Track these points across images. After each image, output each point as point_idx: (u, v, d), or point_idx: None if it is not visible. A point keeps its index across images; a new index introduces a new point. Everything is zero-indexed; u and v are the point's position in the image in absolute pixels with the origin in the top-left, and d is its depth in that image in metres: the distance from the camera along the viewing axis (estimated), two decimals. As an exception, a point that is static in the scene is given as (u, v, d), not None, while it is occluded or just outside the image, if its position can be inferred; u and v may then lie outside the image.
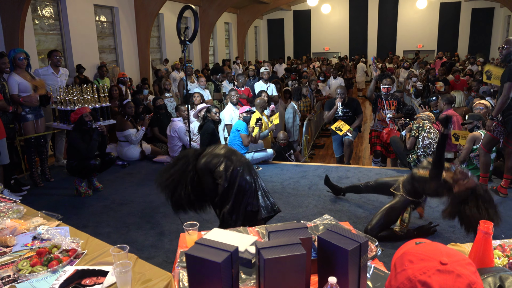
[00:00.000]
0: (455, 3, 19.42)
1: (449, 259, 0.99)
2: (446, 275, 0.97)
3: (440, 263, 0.98)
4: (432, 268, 0.98)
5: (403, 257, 1.07)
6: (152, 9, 10.27)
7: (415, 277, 0.99)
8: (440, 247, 1.06)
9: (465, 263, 1.01)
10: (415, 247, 1.09)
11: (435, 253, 1.01)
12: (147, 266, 1.84)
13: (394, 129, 5.84)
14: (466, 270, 0.99)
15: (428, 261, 1.00)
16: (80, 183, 4.73)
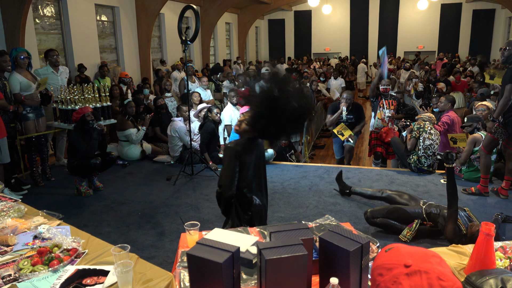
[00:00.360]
0: (456, 4, 19.42)
1: (412, 258, 1.00)
2: (414, 276, 0.97)
3: (405, 266, 0.99)
4: (399, 274, 0.98)
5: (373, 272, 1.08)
6: (153, 9, 10.27)
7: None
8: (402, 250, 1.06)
9: (428, 256, 1.01)
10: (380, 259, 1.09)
11: (398, 258, 1.02)
12: (148, 266, 1.84)
13: (393, 129, 5.83)
14: (430, 264, 0.99)
15: (394, 269, 1.00)
16: (81, 182, 4.73)
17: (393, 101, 5.94)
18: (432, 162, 5.28)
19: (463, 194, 4.54)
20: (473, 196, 4.49)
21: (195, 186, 5.00)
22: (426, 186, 4.86)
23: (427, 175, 5.25)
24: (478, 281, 1.58)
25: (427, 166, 5.27)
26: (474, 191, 4.52)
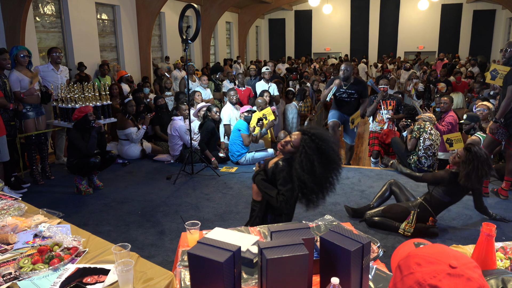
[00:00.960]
0: (457, 5, 19.41)
1: (458, 262, 0.98)
2: (456, 278, 0.95)
3: (450, 266, 0.96)
4: (442, 271, 0.96)
5: (409, 259, 1.04)
6: (154, 8, 10.26)
7: (424, 280, 0.97)
8: (446, 249, 1.04)
9: (473, 266, 1.00)
10: (421, 250, 1.07)
11: (443, 256, 1.00)
12: (149, 265, 1.84)
13: (394, 129, 5.83)
14: (475, 273, 0.97)
15: (437, 265, 0.98)
16: (81, 181, 4.72)
17: (391, 101, 5.93)
18: (432, 163, 5.28)
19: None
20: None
21: (195, 185, 5.00)
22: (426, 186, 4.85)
23: (427, 175, 5.25)
24: (479, 281, 1.58)
25: (427, 166, 5.27)
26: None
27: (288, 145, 2.60)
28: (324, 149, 2.42)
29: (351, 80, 5.44)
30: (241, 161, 5.81)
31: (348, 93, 5.45)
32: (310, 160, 2.40)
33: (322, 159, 2.41)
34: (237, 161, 5.84)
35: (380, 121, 5.85)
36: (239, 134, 5.74)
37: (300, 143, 2.50)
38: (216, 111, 5.85)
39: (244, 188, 4.89)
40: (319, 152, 2.41)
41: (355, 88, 5.46)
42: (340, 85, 5.47)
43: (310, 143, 2.44)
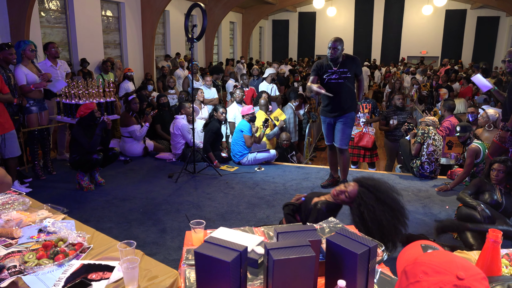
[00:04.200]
0: (461, 11, 19.42)
1: (466, 273, 0.97)
2: None
3: (457, 278, 0.95)
4: (449, 283, 0.95)
5: (416, 267, 1.03)
6: (159, 6, 10.27)
7: None
8: (455, 258, 1.03)
9: (480, 277, 0.99)
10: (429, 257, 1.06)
11: (451, 266, 0.99)
12: (154, 262, 1.84)
13: (368, 132, 5.80)
14: (482, 286, 0.97)
15: (444, 275, 0.97)
16: (83, 177, 4.72)
17: (367, 104, 5.92)
18: (434, 168, 5.28)
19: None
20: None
21: (197, 185, 5.00)
22: (428, 191, 4.86)
23: (429, 180, 5.25)
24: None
25: (430, 172, 5.27)
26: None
27: (342, 195, 2.54)
28: (384, 198, 2.39)
29: (340, 59, 4.31)
30: (243, 162, 5.81)
31: (340, 72, 4.31)
32: (372, 210, 2.36)
33: (384, 206, 2.37)
34: (239, 162, 5.84)
35: (357, 125, 5.84)
36: (242, 134, 5.75)
37: (357, 194, 2.46)
38: (223, 112, 5.85)
39: (245, 188, 4.89)
40: (379, 201, 2.38)
41: (347, 66, 4.33)
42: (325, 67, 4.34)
43: (368, 194, 2.41)
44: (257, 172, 5.52)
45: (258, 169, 5.61)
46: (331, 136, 4.65)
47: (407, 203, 4.51)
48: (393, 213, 2.38)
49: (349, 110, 4.46)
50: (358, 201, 2.42)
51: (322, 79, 4.37)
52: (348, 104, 4.43)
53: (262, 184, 5.05)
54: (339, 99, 4.38)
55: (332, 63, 4.33)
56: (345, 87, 4.35)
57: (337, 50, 4.24)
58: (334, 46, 4.24)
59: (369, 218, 2.34)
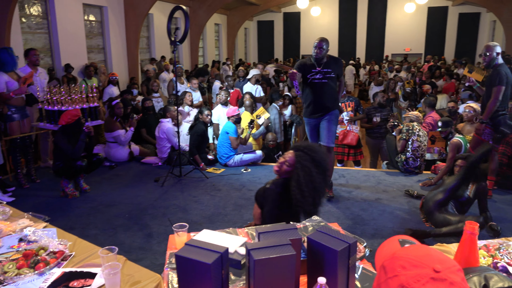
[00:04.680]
0: (443, 8, 19.70)
1: (442, 266, 0.99)
2: (439, 283, 0.96)
3: (434, 270, 0.97)
4: (426, 276, 0.97)
5: (394, 261, 1.05)
6: (142, 9, 10.21)
7: (408, 284, 0.98)
8: (431, 252, 1.05)
9: (456, 269, 1.01)
10: (406, 251, 1.08)
11: (428, 259, 1.01)
12: (136, 268, 1.83)
13: (352, 130, 5.86)
14: (458, 277, 0.99)
15: (421, 268, 0.99)
16: (67, 184, 4.67)
17: (350, 102, 5.97)
18: (419, 164, 5.35)
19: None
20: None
21: (183, 188, 4.98)
22: (412, 186, 4.92)
23: (414, 175, 5.32)
24: (462, 279, 1.61)
25: (414, 167, 5.34)
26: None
27: (283, 166, 2.59)
28: (319, 159, 2.49)
29: (324, 59, 4.30)
30: (230, 163, 5.81)
31: (324, 72, 4.26)
32: (308, 172, 2.44)
33: (318, 169, 2.47)
34: (225, 163, 5.84)
35: (341, 123, 5.89)
36: (227, 136, 5.74)
37: (295, 159, 2.52)
38: (208, 114, 5.84)
39: (232, 190, 4.89)
40: (315, 162, 2.47)
41: (331, 67, 4.29)
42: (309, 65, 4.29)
43: (305, 156, 2.49)
44: (244, 174, 5.52)
45: (245, 170, 5.61)
46: (316, 136, 4.55)
47: (392, 199, 4.56)
48: (324, 176, 2.52)
49: (333, 108, 4.42)
50: (297, 165, 2.49)
51: (306, 79, 4.31)
52: (331, 103, 4.38)
53: (248, 185, 5.06)
54: (322, 99, 4.32)
55: (316, 62, 4.28)
56: (328, 87, 4.31)
57: (323, 50, 4.22)
58: (319, 45, 4.22)
59: (304, 181, 2.42)
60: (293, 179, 2.47)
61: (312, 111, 4.40)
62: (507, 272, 1.79)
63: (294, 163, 2.53)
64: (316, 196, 2.47)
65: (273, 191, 2.54)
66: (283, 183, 2.56)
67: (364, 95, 14.41)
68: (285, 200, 2.51)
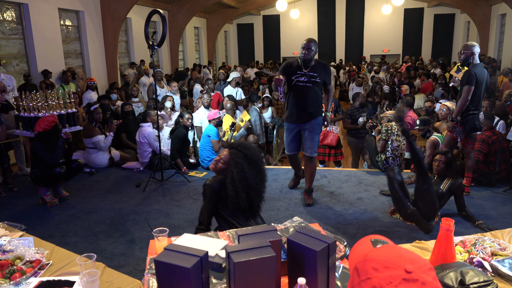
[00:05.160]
0: (418, 9, 20.11)
1: (413, 266, 1.00)
2: (412, 283, 0.98)
3: (406, 271, 0.99)
4: (398, 277, 0.98)
5: (366, 263, 1.06)
6: (120, 13, 10.10)
7: (381, 286, 0.99)
8: (402, 252, 1.07)
9: (427, 268, 1.03)
10: (378, 252, 1.09)
11: (399, 260, 1.02)
12: (116, 274, 1.81)
13: (332, 131, 5.93)
14: (429, 276, 1.01)
15: (393, 269, 1.00)
16: (45, 192, 4.57)
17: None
18: (400, 163, 5.44)
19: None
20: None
21: (165, 192, 4.94)
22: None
23: (394, 174, 5.40)
24: (439, 275, 1.65)
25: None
26: (439, 189, 4.68)
27: (218, 163, 2.71)
28: (252, 156, 2.61)
29: (312, 62, 4.15)
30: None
31: (309, 75, 4.09)
32: (241, 169, 2.54)
33: (252, 165, 2.58)
34: (207, 167, 5.82)
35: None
36: (209, 140, 5.73)
37: (229, 157, 2.63)
38: (189, 118, 5.81)
39: (215, 193, 4.86)
40: (248, 159, 2.58)
41: (316, 71, 4.13)
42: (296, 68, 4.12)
43: (239, 154, 2.60)
44: (226, 176, 5.51)
45: (227, 173, 5.60)
46: (295, 145, 4.38)
47: (374, 198, 4.63)
48: (258, 172, 2.61)
49: (316, 116, 4.24)
50: (231, 163, 2.60)
51: (290, 80, 4.13)
52: (314, 109, 4.19)
53: (231, 188, 5.04)
54: (304, 104, 4.13)
55: (303, 64, 4.12)
56: (312, 91, 4.13)
57: (311, 51, 4.07)
58: (308, 46, 4.06)
59: (238, 177, 2.52)
60: (228, 176, 2.57)
61: (293, 115, 4.26)
62: (482, 267, 1.83)
63: (229, 160, 2.63)
64: (251, 192, 2.56)
65: (210, 187, 2.61)
66: (221, 180, 2.63)
67: (345, 95, 14.58)
68: (222, 197, 2.59)
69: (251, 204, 2.59)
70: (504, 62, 13.32)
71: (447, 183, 3.76)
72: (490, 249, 1.94)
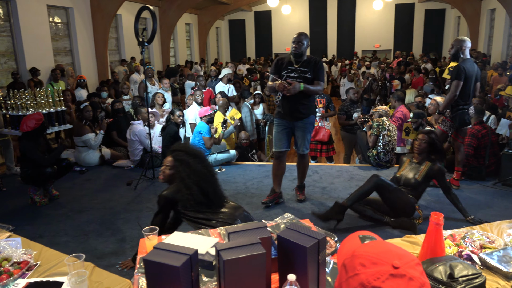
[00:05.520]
0: (409, 4, 20.19)
1: (401, 261, 1.00)
2: (399, 279, 0.97)
3: (393, 267, 0.99)
4: (385, 272, 0.98)
5: (354, 259, 1.06)
6: (110, 10, 10.01)
7: (369, 282, 0.98)
8: (390, 248, 1.06)
9: (414, 264, 1.03)
10: (366, 249, 1.09)
11: (387, 256, 1.02)
12: (105, 274, 1.79)
13: (323, 127, 5.94)
14: (416, 272, 1.01)
15: (380, 265, 1.00)
16: (35, 191, 4.52)
17: (321, 99, 6.05)
18: (390, 158, 5.46)
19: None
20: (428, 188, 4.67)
21: (156, 190, 4.91)
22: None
23: (385, 169, 5.43)
24: (428, 269, 1.65)
25: (385, 161, 5.45)
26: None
27: (166, 170, 2.79)
28: (192, 151, 2.79)
29: (304, 57, 4.03)
30: (204, 164, 5.76)
31: (300, 71, 3.96)
32: (187, 165, 2.68)
33: (196, 158, 2.73)
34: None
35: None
36: (201, 137, 5.70)
37: (173, 159, 2.75)
38: (180, 115, 5.78)
39: (207, 190, 4.85)
40: (190, 154, 2.74)
41: (307, 66, 3.98)
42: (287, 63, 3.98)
43: (180, 153, 2.76)
44: (218, 173, 5.50)
45: (219, 170, 5.59)
46: (285, 142, 4.19)
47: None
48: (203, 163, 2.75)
49: (308, 114, 4.09)
50: (176, 163, 2.73)
51: (281, 76, 4.02)
52: (306, 107, 4.05)
53: (223, 185, 4.97)
54: (295, 101, 3.95)
55: (294, 59, 3.98)
56: (308, 81, 3.96)
57: (302, 45, 3.93)
58: (298, 40, 3.94)
59: (186, 173, 2.65)
60: (177, 177, 2.69)
61: (284, 112, 4.11)
62: (471, 260, 1.85)
63: (174, 162, 2.74)
64: (202, 183, 2.64)
65: (164, 197, 2.70)
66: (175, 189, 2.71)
67: (336, 91, 14.61)
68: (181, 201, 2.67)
69: (206, 196, 2.64)
70: (494, 57, 13.43)
71: (424, 169, 3.70)
72: (479, 242, 1.95)
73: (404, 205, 3.59)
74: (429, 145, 3.73)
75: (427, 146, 3.73)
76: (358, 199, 3.67)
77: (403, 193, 3.62)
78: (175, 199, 2.66)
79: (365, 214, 3.80)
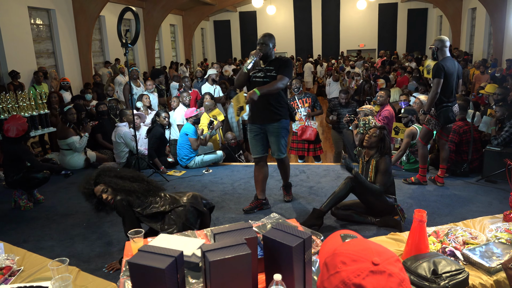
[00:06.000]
0: (392, 4, 20.44)
1: (380, 258, 1.02)
2: (378, 275, 0.99)
3: (373, 263, 1.00)
4: (365, 269, 1.00)
5: (335, 258, 1.07)
6: (93, 11, 9.89)
7: (349, 280, 1.00)
8: (370, 245, 1.08)
9: (394, 260, 1.04)
10: (345, 246, 1.10)
11: (367, 253, 1.03)
12: (90, 278, 1.78)
13: (310, 126, 5.98)
14: (396, 268, 1.02)
15: (360, 262, 1.01)
16: (21, 195, 4.44)
17: (306, 99, 6.09)
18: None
19: (404, 184, 4.79)
20: (413, 185, 4.74)
21: (143, 192, 4.87)
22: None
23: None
24: (412, 265, 1.68)
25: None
26: (414, 180, 4.78)
27: (107, 196, 3.01)
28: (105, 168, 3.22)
29: (272, 57, 3.97)
30: (190, 165, 5.75)
31: (266, 70, 3.88)
32: (113, 177, 3.04)
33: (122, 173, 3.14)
34: (186, 165, 5.77)
35: (300, 119, 5.98)
36: (187, 138, 5.68)
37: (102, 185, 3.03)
38: (165, 117, 5.74)
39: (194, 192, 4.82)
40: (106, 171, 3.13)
41: (275, 65, 3.90)
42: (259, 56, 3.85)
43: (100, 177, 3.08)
44: (205, 175, 5.48)
45: (206, 171, 5.57)
46: (260, 147, 4.07)
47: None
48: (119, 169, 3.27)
49: (279, 119, 3.93)
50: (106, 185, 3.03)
51: (249, 77, 3.97)
52: (276, 109, 3.91)
53: (210, 186, 5.03)
54: (263, 101, 3.78)
55: (262, 60, 3.94)
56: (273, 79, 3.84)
57: (266, 46, 3.87)
58: (262, 41, 3.89)
59: (118, 183, 3.01)
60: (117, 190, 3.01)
61: (254, 114, 4.00)
62: (454, 256, 1.88)
63: (104, 186, 3.02)
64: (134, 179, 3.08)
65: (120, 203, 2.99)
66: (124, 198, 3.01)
67: (322, 91, 14.69)
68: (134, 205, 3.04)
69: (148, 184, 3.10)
70: (476, 55, 13.68)
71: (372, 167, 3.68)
72: (462, 238, 1.98)
73: (381, 204, 3.62)
74: (380, 140, 3.68)
75: (377, 140, 3.69)
76: (335, 203, 3.69)
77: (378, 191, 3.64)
78: (128, 200, 2.98)
79: (352, 219, 3.80)
